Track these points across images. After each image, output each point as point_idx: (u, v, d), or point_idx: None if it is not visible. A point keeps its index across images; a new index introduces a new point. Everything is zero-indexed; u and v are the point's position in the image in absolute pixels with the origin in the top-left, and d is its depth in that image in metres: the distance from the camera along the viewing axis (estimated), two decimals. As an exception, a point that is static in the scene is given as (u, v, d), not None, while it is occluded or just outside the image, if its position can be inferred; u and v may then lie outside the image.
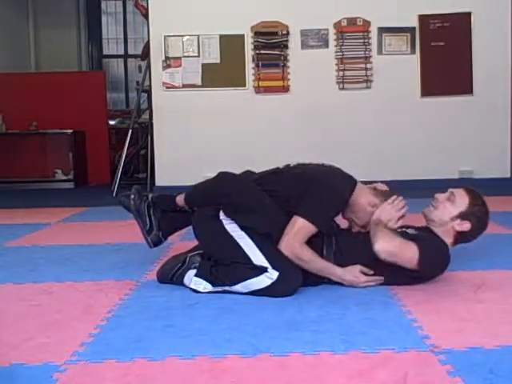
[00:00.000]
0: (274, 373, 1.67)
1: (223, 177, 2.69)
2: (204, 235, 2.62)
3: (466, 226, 2.51)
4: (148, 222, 2.86)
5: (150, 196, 2.92)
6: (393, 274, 2.48)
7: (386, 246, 2.39)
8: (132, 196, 2.87)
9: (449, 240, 2.54)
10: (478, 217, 2.52)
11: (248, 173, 2.84)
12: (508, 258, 3.03)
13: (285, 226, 2.47)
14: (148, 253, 3.25)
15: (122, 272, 2.87)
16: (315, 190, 2.50)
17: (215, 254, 2.57)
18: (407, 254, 2.39)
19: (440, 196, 2.57)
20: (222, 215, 2.56)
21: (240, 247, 2.46)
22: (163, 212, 2.88)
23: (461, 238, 2.56)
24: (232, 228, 2.51)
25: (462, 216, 2.50)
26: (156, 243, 2.86)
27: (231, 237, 2.49)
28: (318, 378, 1.64)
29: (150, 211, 2.87)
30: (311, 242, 2.49)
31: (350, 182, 2.61)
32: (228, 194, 2.56)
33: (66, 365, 1.74)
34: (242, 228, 2.49)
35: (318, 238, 2.52)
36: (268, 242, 2.47)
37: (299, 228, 2.44)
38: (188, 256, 2.62)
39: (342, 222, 2.75)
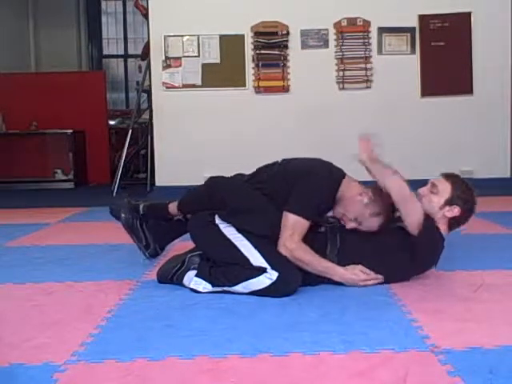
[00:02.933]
0: (274, 373, 1.67)
1: (215, 181, 2.69)
2: (201, 240, 2.62)
3: (455, 210, 2.53)
4: (143, 238, 2.86)
5: (141, 206, 2.89)
6: (392, 271, 2.50)
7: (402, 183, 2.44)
8: (123, 215, 2.85)
9: (442, 227, 2.56)
10: (463, 199, 2.54)
11: (239, 176, 2.82)
12: (508, 258, 3.03)
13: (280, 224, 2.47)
14: (148, 253, 3.25)
15: (122, 272, 2.87)
16: (301, 183, 2.51)
17: (214, 257, 2.57)
18: (417, 206, 2.44)
19: (423, 190, 2.59)
20: (217, 219, 2.56)
21: (238, 250, 2.46)
22: (156, 221, 2.87)
23: (453, 223, 2.59)
24: (229, 231, 2.51)
25: (449, 202, 2.53)
26: (154, 256, 2.88)
27: (229, 240, 2.49)
28: (318, 378, 1.64)
29: (144, 227, 2.86)
30: (315, 240, 2.49)
31: (336, 173, 2.61)
32: (222, 198, 2.56)
33: (66, 365, 1.74)
34: (239, 230, 2.49)
35: (321, 234, 2.52)
36: (266, 242, 2.46)
37: (291, 226, 2.44)
38: (187, 256, 2.61)
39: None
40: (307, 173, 2.56)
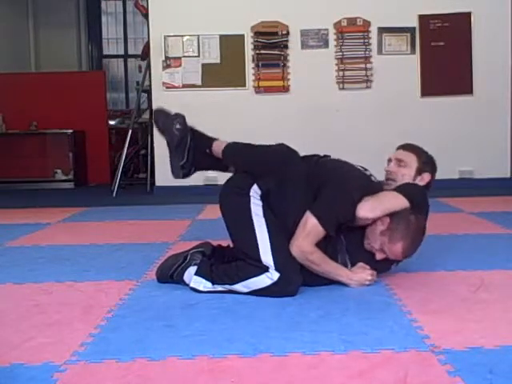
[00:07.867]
0: (274, 373, 1.67)
1: (287, 154, 2.64)
2: (227, 209, 2.58)
3: (426, 177, 2.68)
4: (186, 156, 2.79)
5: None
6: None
7: (367, 206, 2.40)
8: (178, 126, 2.77)
9: None
10: (430, 164, 2.73)
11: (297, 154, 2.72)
12: (508, 257, 3.03)
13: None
14: (148, 253, 3.25)
15: (122, 272, 2.87)
16: (335, 192, 2.44)
17: (230, 227, 2.54)
18: (393, 200, 2.44)
19: (391, 167, 2.70)
20: (252, 191, 2.50)
21: (255, 235, 2.41)
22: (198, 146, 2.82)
23: (427, 189, 2.69)
24: (256, 209, 2.46)
25: (419, 171, 2.68)
26: (186, 175, 2.84)
27: (251, 219, 2.44)
28: (318, 378, 1.64)
29: (191, 145, 2.79)
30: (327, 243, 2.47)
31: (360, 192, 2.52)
32: (282, 171, 2.52)
33: (66, 365, 1.74)
34: (265, 214, 2.45)
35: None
36: (282, 238, 2.43)
37: (310, 230, 2.40)
38: (190, 252, 2.60)
39: None
40: (344, 183, 2.47)
